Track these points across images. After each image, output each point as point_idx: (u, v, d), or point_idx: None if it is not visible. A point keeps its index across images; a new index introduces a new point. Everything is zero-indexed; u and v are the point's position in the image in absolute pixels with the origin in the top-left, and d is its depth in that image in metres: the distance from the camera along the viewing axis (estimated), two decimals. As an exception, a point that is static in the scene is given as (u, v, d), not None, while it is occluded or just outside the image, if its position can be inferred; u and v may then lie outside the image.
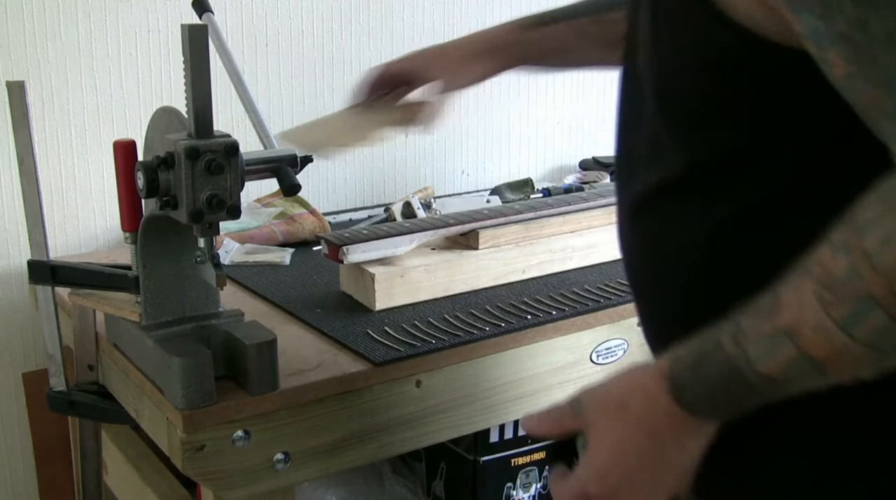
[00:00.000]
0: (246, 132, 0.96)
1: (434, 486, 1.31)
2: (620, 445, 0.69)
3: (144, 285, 0.94)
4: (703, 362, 0.65)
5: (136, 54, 1.46)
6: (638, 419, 0.68)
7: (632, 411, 0.69)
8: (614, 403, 0.70)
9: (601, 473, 0.70)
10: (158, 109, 0.91)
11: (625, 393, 0.70)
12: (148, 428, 0.98)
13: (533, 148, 1.94)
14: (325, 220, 1.46)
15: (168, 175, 0.84)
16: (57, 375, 1.06)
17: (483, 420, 1.07)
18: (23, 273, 1.36)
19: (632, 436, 0.69)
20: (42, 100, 1.40)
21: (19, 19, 1.36)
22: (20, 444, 1.47)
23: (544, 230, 1.26)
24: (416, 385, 1.00)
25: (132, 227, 0.94)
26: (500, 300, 1.16)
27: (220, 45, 1.04)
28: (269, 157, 0.95)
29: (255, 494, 0.92)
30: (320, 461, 0.95)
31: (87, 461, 1.26)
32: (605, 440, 0.70)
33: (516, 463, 1.25)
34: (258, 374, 0.89)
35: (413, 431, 1.01)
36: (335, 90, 1.66)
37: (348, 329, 1.06)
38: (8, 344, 1.44)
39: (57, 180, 1.43)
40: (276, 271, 1.29)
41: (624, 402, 0.69)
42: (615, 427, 0.70)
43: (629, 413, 0.69)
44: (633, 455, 0.69)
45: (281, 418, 0.91)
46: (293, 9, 1.59)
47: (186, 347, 0.89)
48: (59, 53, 1.40)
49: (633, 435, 0.69)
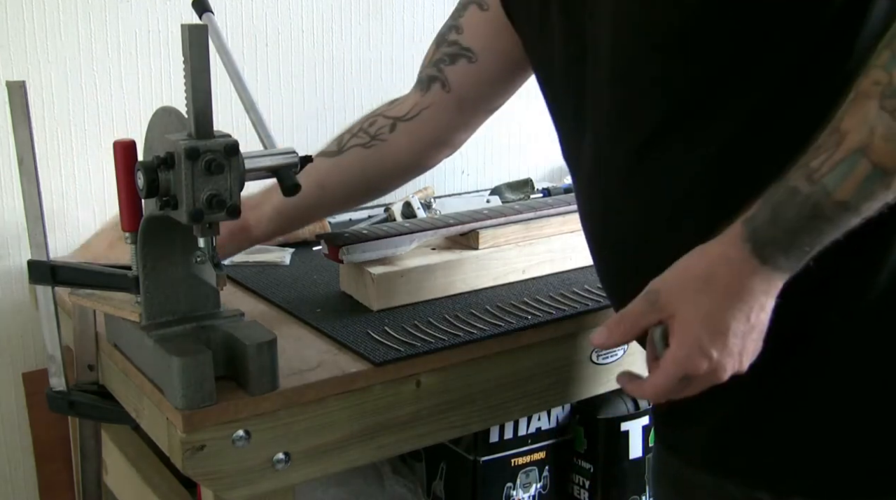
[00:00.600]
0: (246, 132, 0.96)
1: (434, 486, 1.31)
2: (714, 317, 0.72)
3: (144, 285, 0.94)
4: (782, 211, 0.69)
5: (136, 54, 1.46)
6: (727, 288, 0.71)
7: (719, 281, 0.72)
8: (700, 279, 0.73)
9: (701, 349, 0.72)
10: (158, 109, 0.91)
11: (707, 268, 0.73)
12: (148, 428, 0.98)
13: (533, 148, 1.94)
14: (325, 220, 1.46)
15: (168, 175, 0.84)
16: (57, 375, 1.06)
17: (483, 420, 1.07)
18: (23, 273, 1.36)
19: (725, 305, 0.72)
20: (42, 100, 1.40)
21: (19, 19, 1.36)
22: (20, 444, 1.47)
23: (544, 230, 1.26)
24: (416, 385, 1.00)
25: (132, 227, 0.94)
26: (500, 300, 1.16)
27: (220, 45, 1.04)
28: (269, 157, 0.95)
29: (255, 494, 0.92)
30: (320, 461, 0.95)
31: (87, 461, 1.26)
32: (696, 318, 0.72)
33: (516, 463, 1.25)
34: (258, 374, 0.89)
35: (413, 431, 1.01)
36: (335, 90, 1.66)
37: (348, 329, 1.06)
38: (8, 344, 1.44)
39: (57, 180, 1.43)
40: (276, 271, 1.29)
41: (710, 275, 0.72)
42: (704, 302, 0.72)
43: (717, 285, 0.72)
44: (729, 324, 0.71)
45: (281, 418, 0.91)
46: (293, 9, 1.59)
47: (186, 347, 0.89)
48: (59, 53, 1.40)
49: (726, 304, 0.71)
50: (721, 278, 0.72)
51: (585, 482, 1.30)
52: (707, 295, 0.72)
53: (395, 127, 1.10)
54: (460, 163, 1.84)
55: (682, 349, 0.72)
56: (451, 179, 1.84)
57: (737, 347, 0.72)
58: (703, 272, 0.73)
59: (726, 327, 0.72)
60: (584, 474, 1.30)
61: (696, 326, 0.72)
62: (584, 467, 1.30)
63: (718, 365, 0.72)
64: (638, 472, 1.30)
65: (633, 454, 1.29)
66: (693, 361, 0.72)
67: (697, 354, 0.72)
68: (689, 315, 0.72)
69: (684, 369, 0.72)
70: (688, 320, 0.72)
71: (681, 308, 0.73)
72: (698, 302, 0.72)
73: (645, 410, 1.28)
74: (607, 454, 1.28)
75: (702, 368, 0.72)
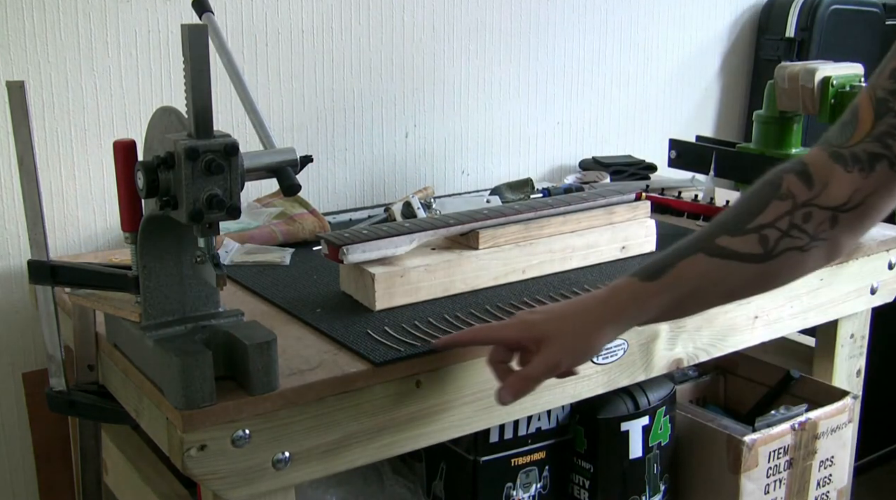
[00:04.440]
0: (246, 132, 0.96)
1: (434, 486, 1.31)
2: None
3: (144, 285, 0.94)
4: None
5: (136, 54, 1.46)
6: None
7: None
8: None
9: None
10: (158, 108, 0.91)
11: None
12: (148, 428, 0.98)
13: (533, 148, 1.94)
14: (325, 220, 1.46)
15: (168, 175, 0.84)
16: (57, 375, 1.06)
17: (483, 420, 1.07)
18: (23, 273, 1.36)
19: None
20: (42, 100, 1.40)
21: (19, 19, 1.36)
22: (20, 444, 1.47)
23: (544, 230, 1.26)
24: (416, 385, 1.00)
25: (132, 227, 0.94)
26: (500, 300, 1.16)
27: (220, 45, 1.04)
28: (269, 156, 0.95)
29: (255, 494, 0.92)
30: (320, 461, 0.95)
31: (87, 461, 1.26)
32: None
33: (516, 463, 1.25)
34: (258, 374, 0.89)
35: (413, 431, 1.01)
36: (335, 90, 1.66)
37: (348, 329, 1.06)
38: (8, 344, 1.44)
39: (57, 180, 1.43)
40: (276, 271, 1.29)
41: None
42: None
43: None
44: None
45: (281, 418, 0.91)
46: (293, 9, 1.59)
47: (186, 347, 0.89)
48: (59, 53, 1.40)
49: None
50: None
51: (585, 482, 1.30)
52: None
53: (837, 220, 0.89)
54: (460, 163, 1.85)
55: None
56: (451, 179, 1.84)
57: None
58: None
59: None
60: (584, 474, 1.30)
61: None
62: (584, 467, 1.30)
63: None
64: (638, 472, 1.30)
65: (633, 454, 1.29)
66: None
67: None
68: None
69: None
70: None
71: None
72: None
73: (645, 410, 1.28)
74: (607, 454, 1.28)
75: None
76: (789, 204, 0.90)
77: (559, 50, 1.92)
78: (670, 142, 1.72)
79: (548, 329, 0.94)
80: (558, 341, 0.93)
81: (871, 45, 2.22)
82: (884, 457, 2.56)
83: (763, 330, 1.33)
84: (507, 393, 0.94)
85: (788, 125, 1.56)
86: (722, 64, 2.22)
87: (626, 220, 1.34)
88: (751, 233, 0.90)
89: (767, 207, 0.90)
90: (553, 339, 0.93)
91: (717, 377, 1.66)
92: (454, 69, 1.79)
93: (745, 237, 0.90)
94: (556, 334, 0.94)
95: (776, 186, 0.91)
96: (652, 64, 2.09)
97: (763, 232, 0.90)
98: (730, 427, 1.33)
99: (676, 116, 2.17)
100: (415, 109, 1.76)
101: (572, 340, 0.94)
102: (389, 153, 1.75)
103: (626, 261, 1.33)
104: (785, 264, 0.90)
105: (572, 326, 0.94)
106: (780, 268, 0.90)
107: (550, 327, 0.94)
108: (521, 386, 0.94)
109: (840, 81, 1.50)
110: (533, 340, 0.94)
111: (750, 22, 2.24)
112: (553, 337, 0.93)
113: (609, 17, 1.99)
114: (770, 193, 0.91)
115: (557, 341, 0.93)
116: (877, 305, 1.51)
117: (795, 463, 1.37)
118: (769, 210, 0.90)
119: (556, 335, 0.93)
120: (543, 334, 0.94)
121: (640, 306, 0.93)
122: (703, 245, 0.92)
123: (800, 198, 0.89)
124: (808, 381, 1.52)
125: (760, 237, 0.90)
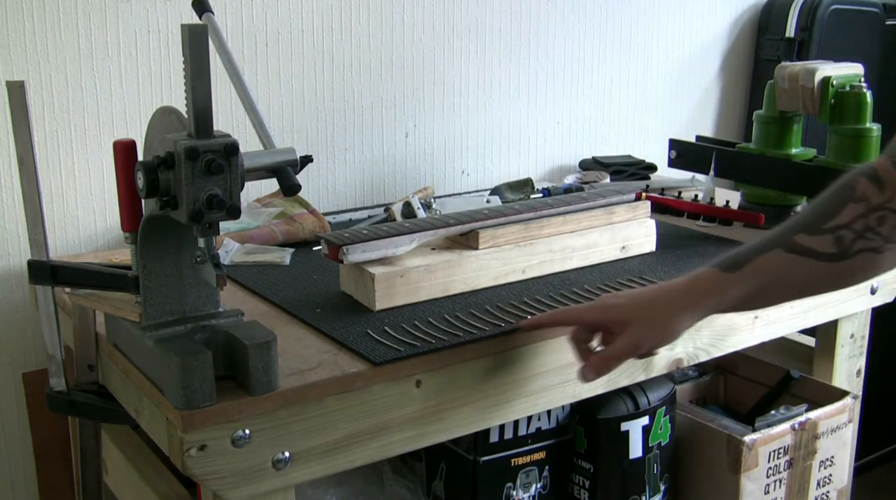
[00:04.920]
0: (246, 132, 0.96)
1: (434, 486, 1.31)
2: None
3: (144, 285, 0.94)
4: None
5: (136, 54, 1.46)
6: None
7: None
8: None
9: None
10: (158, 108, 0.91)
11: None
12: (148, 428, 0.98)
13: (533, 148, 1.94)
14: (325, 220, 1.46)
15: (168, 175, 0.84)
16: (57, 375, 1.06)
17: (483, 420, 1.07)
18: (23, 273, 1.36)
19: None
20: (42, 100, 1.40)
21: (19, 19, 1.36)
22: (20, 444, 1.47)
23: (544, 230, 1.26)
24: (416, 385, 1.00)
25: (132, 227, 0.94)
26: (500, 300, 1.16)
27: (220, 45, 1.04)
28: (269, 156, 0.95)
29: (255, 494, 0.92)
30: (320, 461, 0.95)
31: (87, 461, 1.26)
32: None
33: (516, 463, 1.25)
34: (258, 374, 0.89)
35: (413, 431, 1.01)
36: (335, 90, 1.66)
37: (348, 329, 1.06)
38: (8, 344, 1.44)
39: (57, 180, 1.43)
40: (276, 271, 1.29)
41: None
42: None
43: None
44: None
45: (281, 418, 0.91)
46: (293, 9, 1.59)
47: (186, 347, 0.89)
48: (59, 53, 1.40)
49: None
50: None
51: (585, 482, 1.30)
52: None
53: None
54: (460, 163, 1.85)
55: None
56: (451, 179, 1.84)
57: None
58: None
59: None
60: (584, 474, 1.30)
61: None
62: (584, 467, 1.30)
63: None
64: (638, 472, 1.30)
65: (633, 454, 1.29)
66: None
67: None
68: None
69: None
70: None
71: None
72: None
73: (645, 410, 1.28)
74: (607, 454, 1.28)
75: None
76: (864, 207, 0.94)
77: (559, 50, 1.92)
78: (670, 142, 1.72)
79: (631, 313, 0.99)
80: (640, 324, 0.98)
81: (871, 45, 2.22)
82: (884, 457, 2.56)
83: (763, 330, 1.33)
84: (590, 371, 0.99)
85: (788, 125, 1.56)
86: (722, 64, 2.22)
87: (626, 220, 1.34)
88: (827, 233, 0.95)
89: (843, 209, 0.95)
90: (635, 322, 0.98)
91: (717, 377, 1.66)
92: (454, 69, 1.79)
93: (822, 237, 0.95)
94: (638, 318, 0.99)
95: (851, 189, 0.96)
96: (652, 64, 2.09)
97: (839, 233, 0.94)
98: (730, 427, 1.33)
99: (676, 116, 2.17)
100: (415, 109, 1.76)
101: (654, 324, 0.98)
102: (389, 153, 1.75)
103: (625, 261, 1.33)
104: (860, 265, 0.94)
105: (654, 311, 0.99)
106: (855, 268, 0.95)
107: (633, 312, 0.99)
108: (603, 365, 1.00)
109: (840, 81, 1.49)
110: (615, 322, 1.00)
111: (750, 22, 2.24)
112: (635, 321, 0.98)
113: (609, 17, 1.99)
114: (846, 196, 0.96)
115: (640, 324, 0.98)
116: (877, 305, 1.51)
117: (795, 463, 1.37)
118: (845, 212, 0.95)
119: (639, 319, 0.98)
120: (626, 317, 0.99)
121: (719, 296, 0.98)
122: (782, 242, 0.96)
123: (873, 201, 0.94)
124: (808, 381, 1.52)
125: (836, 238, 0.94)
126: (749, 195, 1.57)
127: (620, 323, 0.99)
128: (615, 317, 1.00)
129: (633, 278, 1.24)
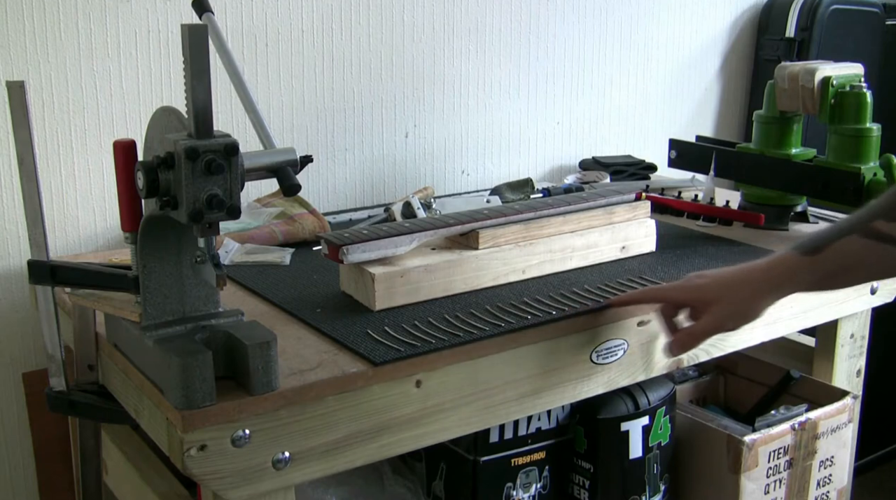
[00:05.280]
0: (246, 132, 0.96)
1: (434, 486, 1.31)
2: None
3: (144, 285, 0.94)
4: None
5: (136, 54, 1.46)
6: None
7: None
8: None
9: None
10: (158, 109, 0.91)
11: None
12: (148, 428, 0.98)
13: (533, 148, 1.94)
14: (325, 220, 1.46)
15: (168, 175, 0.84)
16: (57, 375, 1.06)
17: (483, 420, 1.07)
18: (23, 273, 1.36)
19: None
20: (42, 100, 1.40)
21: (19, 19, 1.36)
22: (20, 444, 1.47)
23: (544, 230, 1.26)
24: (416, 385, 1.00)
25: (132, 227, 0.94)
26: (500, 300, 1.16)
27: (220, 45, 1.04)
28: (269, 156, 0.95)
29: (255, 494, 0.92)
30: (320, 461, 0.95)
31: (87, 461, 1.26)
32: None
33: (516, 463, 1.25)
34: (258, 374, 0.89)
35: (413, 431, 1.01)
36: (335, 90, 1.66)
37: (348, 329, 1.06)
38: (8, 344, 1.44)
39: (57, 180, 1.43)
40: (276, 271, 1.29)
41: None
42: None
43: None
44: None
45: (281, 418, 0.91)
46: (293, 9, 1.59)
47: (186, 347, 0.89)
48: (59, 53, 1.40)
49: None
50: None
51: (585, 482, 1.30)
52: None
53: None
54: (460, 163, 1.85)
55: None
56: (451, 179, 1.84)
57: None
58: None
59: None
60: (584, 474, 1.30)
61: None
62: (584, 467, 1.30)
63: None
64: (638, 472, 1.30)
65: (633, 454, 1.29)
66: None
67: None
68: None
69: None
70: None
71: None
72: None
73: (645, 410, 1.28)
74: (607, 454, 1.28)
75: None
76: None
77: (559, 50, 1.92)
78: (670, 142, 1.72)
79: (716, 293, 1.05)
80: (725, 304, 1.04)
81: (871, 45, 2.22)
82: (884, 457, 2.56)
83: (763, 330, 1.33)
84: (676, 346, 1.08)
85: (788, 125, 1.56)
86: (722, 64, 2.22)
87: (626, 220, 1.34)
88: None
89: None
90: (720, 302, 1.05)
91: (717, 377, 1.66)
92: (454, 69, 1.79)
93: None
94: (723, 297, 1.05)
95: None
96: (652, 64, 2.09)
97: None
98: (730, 427, 1.33)
99: (676, 116, 2.17)
100: (415, 109, 1.76)
101: (737, 304, 1.05)
102: (389, 153, 1.75)
103: (625, 261, 1.33)
104: None
105: (737, 292, 1.05)
106: None
107: (718, 292, 1.05)
108: (688, 341, 1.07)
109: (840, 81, 1.49)
110: (701, 301, 1.06)
111: (750, 22, 2.24)
112: (720, 300, 1.05)
113: (609, 17, 1.99)
114: None
115: (724, 304, 1.04)
116: (877, 305, 1.51)
117: (795, 463, 1.37)
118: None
119: (724, 299, 1.05)
120: (712, 297, 1.05)
121: (798, 278, 1.03)
122: (860, 227, 1.00)
123: None
124: (808, 381, 1.52)
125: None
126: (749, 195, 1.57)
127: (706, 302, 1.05)
128: (701, 296, 1.06)
129: (634, 278, 1.24)
